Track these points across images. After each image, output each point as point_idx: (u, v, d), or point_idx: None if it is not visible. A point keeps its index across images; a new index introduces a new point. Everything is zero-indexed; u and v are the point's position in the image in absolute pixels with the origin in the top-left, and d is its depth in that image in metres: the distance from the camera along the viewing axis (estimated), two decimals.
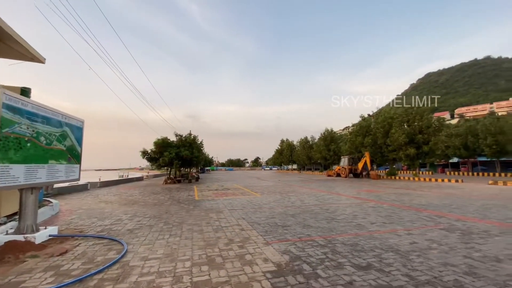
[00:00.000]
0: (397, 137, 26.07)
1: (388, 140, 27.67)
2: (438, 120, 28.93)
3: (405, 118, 27.28)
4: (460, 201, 11.04)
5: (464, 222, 7.03)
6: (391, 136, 27.04)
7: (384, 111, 32.16)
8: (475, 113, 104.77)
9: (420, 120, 26.09)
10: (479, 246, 4.91)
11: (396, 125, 27.48)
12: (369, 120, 33.52)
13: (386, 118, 29.16)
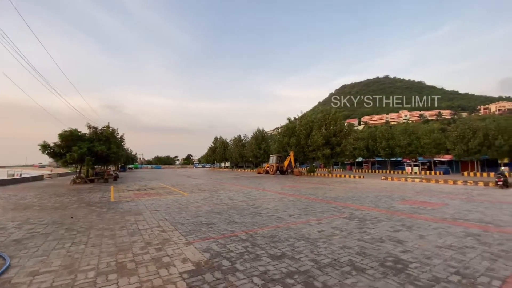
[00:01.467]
0: (316, 138, 29.44)
1: (309, 141, 30.91)
2: (348, 126, 34.05)
3: (323, 123, 31.02)
4: (360, 193, 13.24)
5: (362, 211, 8.46)
6: (312, 138, 30.33)
7: (307, 115, 35.76)
8: (376, 121, 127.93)
9: (335, 125, 30.15)
10: (370, 230, 5.98)
11: (316, 128, 30.94)
12: (295, 123, 36.68)
13: (308, 122, 32.50)
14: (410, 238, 5.27)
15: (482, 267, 3.79)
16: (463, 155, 32.77)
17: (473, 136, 31.24)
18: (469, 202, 10.10)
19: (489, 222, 6.73)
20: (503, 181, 15.61)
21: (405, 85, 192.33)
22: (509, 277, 3.47)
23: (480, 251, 4.51)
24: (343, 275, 3.54)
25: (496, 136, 29.79)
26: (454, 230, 5.93)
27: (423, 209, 8.71)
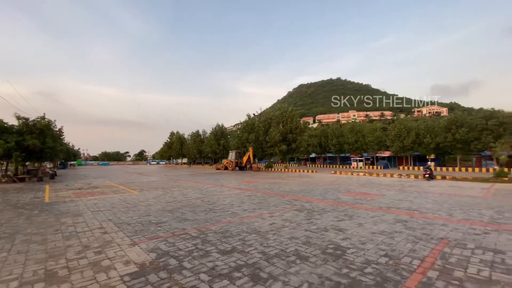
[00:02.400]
0: (274, 135, 30.29)
1: (267, 137, 31.65)
2: (304, 124, 35.79)
3: (280, 120, 32.03)
4: (311, 187, 14.08)
5: (311, 203, 8.99)
6: (270, 134, 31.10)
7: (266, 112, 36.48)
8: (329, 120, 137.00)
9: (291, 122, 31.41)
10: (316, 221, 6.39)
11: (274, 125, 31.81)
12: (254, 119, 37.12)
13: (267, 119, 33.22)
14: (350, 227, 5.79)
15: (406, 249, 4.37)
16: (400, 152, 37.22)
17: (407, 135, 35.65)
18: (402, 193, 11.53)
19: (416, 210, 7.77)
20: (429, 174, 18.20)
21: (354, 87, 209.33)
22: (427, 256, 4.06)
23: (406, 235, 5.19)
24: (288, 265, 3.72)
25: (425, 135, 34.49)
26: (387, 217, 6.70)
27: (364, 199, 9.65)
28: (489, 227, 5.76)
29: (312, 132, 47.13)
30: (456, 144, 31.32)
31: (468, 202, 8.95)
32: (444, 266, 3.64)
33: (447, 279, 3.25)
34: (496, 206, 8.18)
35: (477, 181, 16.48)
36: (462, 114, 33.80)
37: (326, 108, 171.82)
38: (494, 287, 3.06)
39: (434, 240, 4.80)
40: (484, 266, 3.63)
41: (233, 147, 39.72)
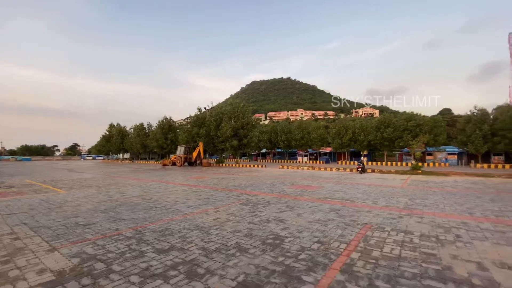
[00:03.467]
0: (226, 130, 30.12)
1: (218, 132, 31.27)
2: (256, 120, 36.44)
3: (232, 115, 31.97)
4: (259, 181, 14.46)
5: (258, 196, 9.22)
6: (221, 129, 30.80)
7: (218, 107, 35.91)
8: (279, 117, 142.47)
9: (243, 118, 31.66)
10: (260, 213, 6.57)
11: (225, 120, 31.58)
12: (205, 113, 36.19)
13: (218, 113, 32.76)
14: (290, 217, 6.12)
15: (336, 235, 4.81)
16: (339, 148, 41.05)
17: (345, 133, 39.50)
18: (338, 185, 12.72)
19: (348, 199, 8.66)
20: (361, 168, 20.52)
21: (302, 87, 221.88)
22: (352, 240, 4.54)
23: (337, 222, 5.73)
24: (227, 258, 3.72)
25: (360, 134, 38.72)
26: (323, 207, 7.31)
27: (305, 191, 10.34)
28: (403, 212, 6.78)
29: (263, 128, 48.37)
30: (384, 141, 36.02)
31: (390, 192, 10.39)
32: (365, 248, 4.13)
33: (366, 258, 3.70)
34: (410, 195, 9.69)
35: (398, 174, 19.27)
36: (389, 116, 38.92)
37: (277, 106, 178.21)
38: (402, 262, 3.59)
39: (360, 226, 5.42)
40: (396, 246, 4.24)
41: (182, 141, 38.10)
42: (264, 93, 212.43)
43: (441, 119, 37.55)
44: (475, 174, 18.19)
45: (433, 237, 4.64)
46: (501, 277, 3.12)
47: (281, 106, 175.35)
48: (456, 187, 11.72)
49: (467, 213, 6.57)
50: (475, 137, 29.98)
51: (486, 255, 3.81)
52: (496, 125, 29.22)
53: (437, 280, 3.04)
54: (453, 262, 3.58)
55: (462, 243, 4.33)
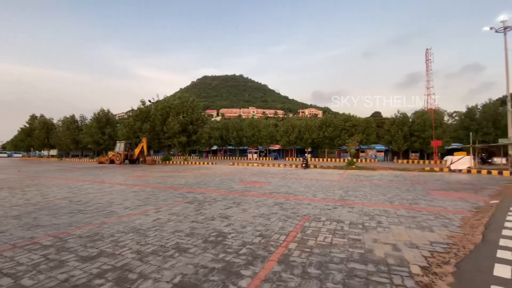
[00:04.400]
0: (173, 125, 28.59)
1: (165, 128, 29.50)
2: (206, 116, 35.53)
3: (181, 110, 30.52)
4: (208, 178, 14.17)
5: (204, 194, 9.01)
6: (168, 124, 29.12)
7: (164, 100, 33.82)
8: (231, 114, 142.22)
9: (192, 113, 30.51)
10: (205, 211, 6.42)
11: (173, 115, 29.95)
12: (150, 107, 33.69)
13: (165, 107, 30.85)
14: (235, 213, 6.15)
15: (277, 227, 5.01)
16: (287, 145, 43.18)
17: (292, 131, 41.73)
18: (283, 180, 13.33)
19: (291, 193, 9.13)
20: (305, 164, 21.95)
21: (254, 85, 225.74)
22: (291, 231, 4.79)
23: (280, 215, 5.98)
24: (164, 260, 3.51)
25: (305, 132, 41.37)
26: (268, 201, 7.55)
27: (253, 187, 10.54)
28: (337, 203, 7.47)
29: (214, 125, 47.58)
30: (325, 140, 39.25)
31: (328, 185, 11.36)
32: (302, 238, 4.40)
33: (302, 248, 3.94)
34: (344, 187, 10.75)
35: (336, 169, 21.23)
36: (330, 116, 42.58)
37: (229, 102, 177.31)
38: (333, 249, 3.93)
39: (299, 217, 5.76)
40: (329, 234, 4.63)
41: (123, 137, 34.81)
42: (216, 89, 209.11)
43: (372, 120, 42.72)
44: (397, 169, 21.28)
45: (360, 224, 5.23)
46: (410, 256, 3.68)
47: (233, 103, 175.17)
48: (381, 180, 13.48)
49: (388, 202, 7.61)
50: (397, 137, 34.98)
51: (400, 238, 4.46)
52: (414, 127, 34.63)
53: (360, 262, 3.42)
54: (374, 245, 4.08)
55: (382, 228, 4.98)
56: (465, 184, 12.17)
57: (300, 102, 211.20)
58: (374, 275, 3.06)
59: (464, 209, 6.76)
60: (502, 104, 31.20)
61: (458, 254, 3.76)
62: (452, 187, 11.07)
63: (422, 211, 6.50)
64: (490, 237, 4.47)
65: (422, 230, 4.87)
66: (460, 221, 5.53)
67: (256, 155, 44.26)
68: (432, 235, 4.59)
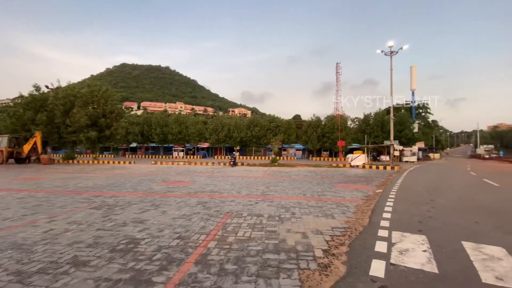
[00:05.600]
0: (79, 118, 24.18)
1: (68, 120, 24.68)
2: (123, 108, 31.55)
3: (90, 100, 26.14)
4: (124, 179, 12.65)
5: (117, 197, 7.97)
6: (72, 116, 24.46)
7: (68, 87, 28.21)
8: (155, 108, 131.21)
9: (105, 105, 26.55)
10: (116, 217, 5.68)
11: (80, 105, 25.37)
12: (48, 94, 27.54)
13: (68, 95, 25.81)
14: (153, 216, 5.68)
15: (198, 227, 4.88)
16: (216, 143, 42.94)
17: (222, 129, 41.79)
18: (210, 178, 13.18)
19: (216, 191, 9.10)
20: (233, 162, 22.32)
21: (183, 79, 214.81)
22: (212, 230, 4.74)
23: (202, 214, 5.85)
24: (55, 278, 2.91)
25: (234, 131, 42.07)
26: (192, 201, 7.30)
27: (176, 187, 9.99)
28: (259, 198, 7.87)
29: (133, 119, 42.89)
30: (252, 139, 40.94)
31: (252, 182, 11.85)
32: (223, 235, 4.43)
33: (222, 245, 3.96)
34: (267, 183, 11.43)
35: (261, 166, 22.40)
36: (258, 117, 44.70)
37: (153, 95, 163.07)
38: (251, 242, 4.09)
39: (222, 215, 5.78)
40: (249, 229, 4.81)
41: (6, 130, 27.40)
42: (138, 80, 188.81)
43: (293, 122, 47.08)
44: (311, 165, 24.08)
45: (277, 217, 5.64)
46: (315, 241, 4.18)
47: (158, 97, 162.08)
48: (298, 175, 14.99)
49: (302, 195, 8.51)
50: (312, 138, 39.62)
51: (308, 226, 5.02)
52: (325, 129, 39.88)
53: (274, 252, 3.68)
54: (287, 235, 4.47)
55: (295, 219, 5.51)
56: (360, 177, 14.80)
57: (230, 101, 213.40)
58: (285, 263, 3.34)
59: (358, 197, 8.20)
60: (387, 113, 39.43)
61: (351, 235, 4.52)
62: (351, 180, 13.28)
63: (327, 201, 7.54)
64: (374, 220, 5.54)
65: (326, 218, 5.64)
66: (354, 208, 6.67)
67: (182, 154, 42.20)
68: (334, 222, 5.36)
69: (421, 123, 50.81)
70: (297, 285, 2.79)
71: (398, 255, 3.62)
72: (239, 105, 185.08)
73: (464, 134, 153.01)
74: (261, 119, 45.58)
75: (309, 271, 3.14)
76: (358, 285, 2.82)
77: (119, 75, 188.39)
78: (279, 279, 2.92)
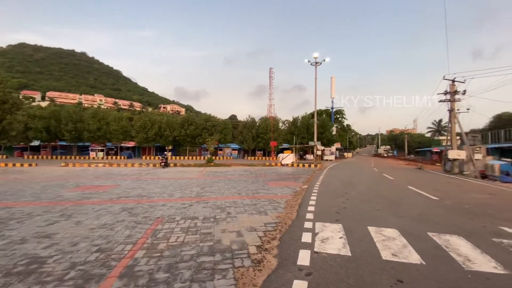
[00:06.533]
0: None
1: None
2: (20, 98, 25.46)
3: None
4: (21, 186, 10.28)
5: (11, 208, 6.43)
6: None
7: None
8: (67, 100, 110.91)
9: None
10: (10, 232, 4.57)
11: None
12: None
13: None
14: (63, 228, 4.81)
15: (123, 237, 4.38)
16: (144, 142, 39.29)
17: (151, 127, 38.55)
18: (137, 181, 12.00)
19: (145, 196, 8.35)
20: (164, 162, 20.89)
21: (103, 68, 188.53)
22: (140, 238, 4.33)
23: (128, 222, 5.28)
24: None
25: (166, 129, 39.40)
26: (114, 208, 6.50)
27: (94, 193, 8.71)
28: (194, 200, 7.62)
29: (35, 112, 35.21)
30: (187, 138, 39.27)
31: (186, 183, 11.38)
32: (152, 243, 4.11)
33: (151, 254, 3.67)
34: (202, 184, 11.16)
35: (196, 167, 21.72)
36: (193, 115, 43.13)
37: (63, 85, 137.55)
38: (184, 247, 3.92)
39: (151, 221, 5.35)
40: (182, 233, 4.60)
41: None
42: (42, 64, 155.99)
43: (229, 122, 47.36)
44: (247, 164, 24.75)
45: (212, 218, 5.59)
46: (249, 239, 4.32)
47: (70, 86, 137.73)
48: (234, 175, 15.18)
49: (237, 194, 8.66)
50: (248, 138, 40.77)
51: (243, 224, 5.15)
52: (260, 130, 41.57)
53: (208, 255, 3.64)
54: (222, 235, 4.48)
55: (230, 218, 5.57)
56: (289, 174, 16.05)
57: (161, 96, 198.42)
58: (220, 264, 3.34)
59: (288, 194, 8.88)
60: (312, 117, 43.90)
61: (282, 230, 4.86)
62: (282, 177, 14.27)
63: (261, 198, 7.90)
64: (301, 213, 6.10)
65: (260, 215, 5.91)
66: (284, 204, 7.20)
67: (102, 154, 36.97)
68: (266, 218, 5.66)
69: (338, 126, 58.55)
70: (232, 284, 2.84)
71: (320, 244, 4.10)
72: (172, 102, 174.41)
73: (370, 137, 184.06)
74: (197, 117, 44.12)
75: (244, 268, 3.23)
76: (288, 275, 3.07)
77: (16, 57, 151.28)
78: (214, 280, 2.91)
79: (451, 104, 20.04)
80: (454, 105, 19.92)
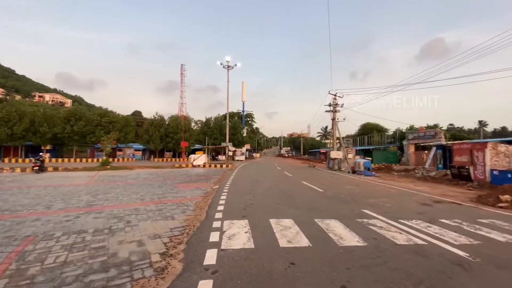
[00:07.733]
0: None
1: None
2: None
3: None
4: None
5: None
6: None
7: None
8: None
9: None
10: None
11: None
12: None
13: None
14: None
15: None
16: (7, 140, 29.91)
17: (19, 120, 29.79)
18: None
19: (7, 210, 6.40)
20: (39, 166, 16.54)
21: None
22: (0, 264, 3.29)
23: None
24: None
25: (42, 124, 31.28)
26: None
27: None
28: (82, 211, 6.39)
29: None
30: (74, 136, 32.41)
31: (72, 191, 9.41)
32: (19, 268, 3.20)
33: (18, 281, 2.86)
34: (94, 191, 9.49)
35: (86, 170, 18.25)
36: (83, 108, 36.04)
37: None
38: (66, 268, 3.24)
39: (18, 241, 4.16)
40: (63, 251, 3.78)
41: None
42: None
43: (132, 119, 42.28)
44: (153, 167, 22.74)
45: (107, 229, 4.86)
46: (152, 247, 4.00)
47: None
48: (136, 179, 13.66)
49: (140, 200, 7.85)
50: (155, 137, 37.57)
51: (146, 232, 4.72)
52: (169, 129, 39.03)
53: (100, 272, 3.15)
54: (119, 247, 3.97)
55: (130, 228, 4.99)
56: (201, 176, 15.83)
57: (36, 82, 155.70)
58: (114, 279, 2.95)
59: (198, 195, 8.75)
60: (225, 119, 44.79)
61: (189, 232, 4.75)
62: (193, 179, 13.91)
63: (168, 203, 7.45)
64: (210, 213, 6.13)
65: (166, 220, 5.57)
66: (194, 205, 7.05)
67: None
68: (173, 222, 5.40)
69: (248, 129, 62.21)
70: None
71: (227, 241, 4.25)
72: (53, 90, 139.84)
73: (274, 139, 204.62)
74: (88, 111, 37.07)
75: (144, 279, 2.98)
76: (193, 277, 3.03)
77: None
78: None
79: (333, 114, 24.83)
80: (335, 115, 24.75)
